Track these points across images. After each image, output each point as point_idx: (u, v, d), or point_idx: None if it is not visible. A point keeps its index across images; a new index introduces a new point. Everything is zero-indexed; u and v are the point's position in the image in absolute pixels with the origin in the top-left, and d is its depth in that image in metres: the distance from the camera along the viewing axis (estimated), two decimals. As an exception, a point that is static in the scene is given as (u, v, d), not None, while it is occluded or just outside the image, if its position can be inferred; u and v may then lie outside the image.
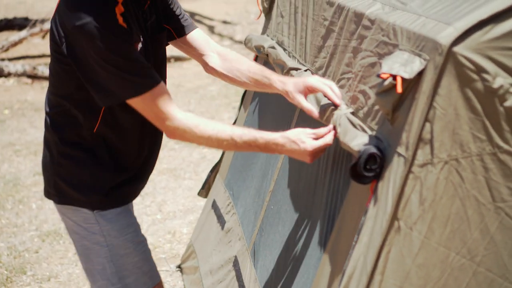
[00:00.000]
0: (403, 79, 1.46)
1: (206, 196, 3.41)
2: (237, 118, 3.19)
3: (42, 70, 7.42)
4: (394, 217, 1.49)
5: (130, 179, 2.14)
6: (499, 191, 1.47)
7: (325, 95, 1.88)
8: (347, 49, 1.89)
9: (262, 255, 2.36)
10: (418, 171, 1.47)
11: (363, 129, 1.67)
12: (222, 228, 2.89)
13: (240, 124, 3.06)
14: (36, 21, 8.81)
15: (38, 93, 7.12)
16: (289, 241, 2.17)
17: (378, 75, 1.50)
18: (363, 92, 1.74)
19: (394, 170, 1.50)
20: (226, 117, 6.08)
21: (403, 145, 1.49)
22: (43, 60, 8.02)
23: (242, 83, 2.23)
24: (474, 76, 1.40)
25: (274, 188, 2.40)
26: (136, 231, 2.18)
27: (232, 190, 2.95)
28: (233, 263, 2.62)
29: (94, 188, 2.07)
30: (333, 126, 1.80)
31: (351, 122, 1.73)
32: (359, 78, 1.78)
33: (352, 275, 1.57)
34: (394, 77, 1.47)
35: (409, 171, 1.47)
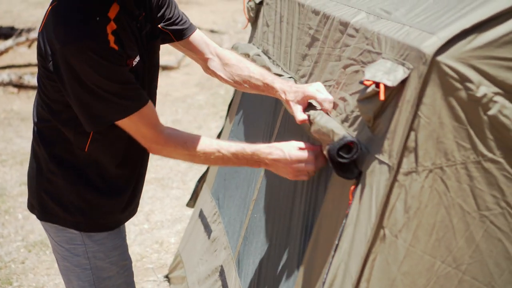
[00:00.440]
0: (386, 87, 1.46)
1: (194, 206, 3.40)
2: (223, 129, 3.19)
3: (28, 80, 7.38)
4: (380, 225, 1.50)
5: (123, 205, 2.06)
6: (484, 200, 1.47)
7: (319, 104, 1.88)
8: (331, 58, 1.90)
9: (246, 264, 2.36)
10: (403, 179, 1.47)
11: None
12: (209, 237, 2.88)
13: (226, 135, 3.06)
14: (22, 30, 8.78)
15: (24, 103, 7.08)
16: (270, 250, 2.17)
17: (361, 82, 1.51)
18: (343, 99, 1.75)
19: (377, 177, 1.51)
20: (214, 126, 6.08)
21: (386, 153, 1.49)
22: (29, 70, 7.97)
23: (242, 88, 2.21)
24: (458, 85, 1.41)
25: (258, 197, 2.40)
26: (122, 254, 2.11)
27: (218, 199, 2.95)
28: (219, 273, 2.61)
29: (83, 210, 1.99)
30: (320, 146, 1.81)
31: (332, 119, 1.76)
32: (341, 86, 1.79)
33: (333, 283, 1.57)
34: (377, 85, 1.47)
35: (394, 179, 1.47)
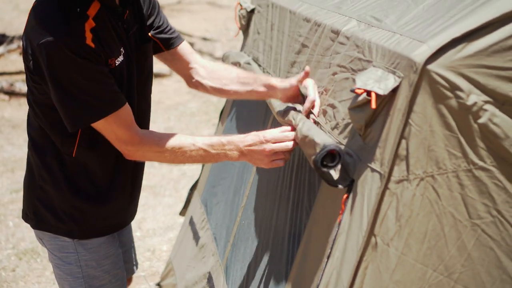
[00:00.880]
0: (378, 95, 1.46)
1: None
2: (216, 134, 3.19)
3: (20, 87, 7.36)
4: (371, 233, 1.49)
5: (116, 211, 2.05)
6: (475, 208, 1.47)
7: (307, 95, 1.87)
8: (320, 65, 1.90)
9: (234, 271, 2.35)
10: (394, 188, 1.47)
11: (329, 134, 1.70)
12: (197, 244, 2.88)
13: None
14: (14, 38, 8.76)
15: (16, 110, 7.05)
16: (258, 257, 2.16)
17: (352, 90, 1.50)
18: (332, 106, 1.75)
19: (369, 186, 1.50)
20: (206, 134, 6.07)
21: (377, 161, 1.49)
22: (21, 77, 7.94)
23: (229, 95, 2.18)
24: (448, 94, 1.41)
25: (246, 203, 2.40)
26: (115, 262, 2.09)
27: (206, 206, 2.94)
28: (207, 279, 2.60)
29: (76, 218, 1.97)
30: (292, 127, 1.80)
31: (316, 124, 1.76)
32: (330, 92, 1.79)
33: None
34: (369, 93, 1.47)
35: (386, 187, 1.47)
